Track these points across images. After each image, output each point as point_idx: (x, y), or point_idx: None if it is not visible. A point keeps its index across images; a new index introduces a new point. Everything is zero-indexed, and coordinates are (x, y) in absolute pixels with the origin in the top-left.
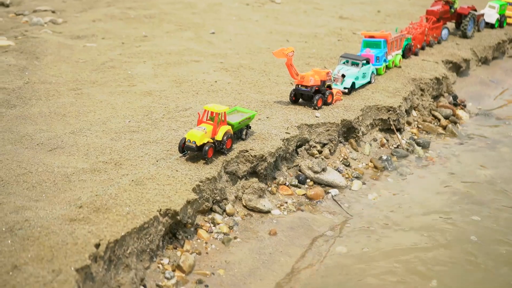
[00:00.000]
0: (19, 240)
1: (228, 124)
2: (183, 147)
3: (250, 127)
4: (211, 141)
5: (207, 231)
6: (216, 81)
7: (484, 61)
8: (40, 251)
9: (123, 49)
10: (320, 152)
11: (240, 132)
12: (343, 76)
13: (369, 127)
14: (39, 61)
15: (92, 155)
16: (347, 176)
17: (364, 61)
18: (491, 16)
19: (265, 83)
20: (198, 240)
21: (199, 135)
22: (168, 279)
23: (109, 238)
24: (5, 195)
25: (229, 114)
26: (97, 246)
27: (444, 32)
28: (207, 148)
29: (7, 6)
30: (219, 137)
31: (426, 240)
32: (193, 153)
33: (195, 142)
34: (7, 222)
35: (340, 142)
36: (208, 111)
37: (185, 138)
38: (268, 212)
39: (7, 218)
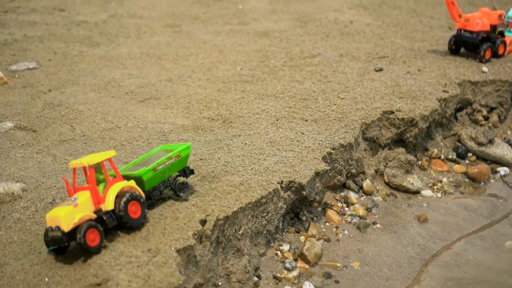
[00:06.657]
0: None
1: (129, 177)
2: (48, 242)
3: (192, 172)
4: (94, 216)
5: (338, 213)
6: (351, 22)
7: None
8: None
9: None
10: (486, 118)
11: (169, 185)
12: None
13: None
14: None
15: (195, 109)
16: None
17: None
18: None
19: (415, 26)
20: (327, 224)
21: (63, 213)
22: (288, 270)
23: (217, 213)
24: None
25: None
26: (203, 222)
27: None
28: (83, 231)
29: None
30: (109, 204)
31: None
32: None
33: (58, 228)
34: None
35: None
36: (77, 168)
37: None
38: (417, 192)
39: None
